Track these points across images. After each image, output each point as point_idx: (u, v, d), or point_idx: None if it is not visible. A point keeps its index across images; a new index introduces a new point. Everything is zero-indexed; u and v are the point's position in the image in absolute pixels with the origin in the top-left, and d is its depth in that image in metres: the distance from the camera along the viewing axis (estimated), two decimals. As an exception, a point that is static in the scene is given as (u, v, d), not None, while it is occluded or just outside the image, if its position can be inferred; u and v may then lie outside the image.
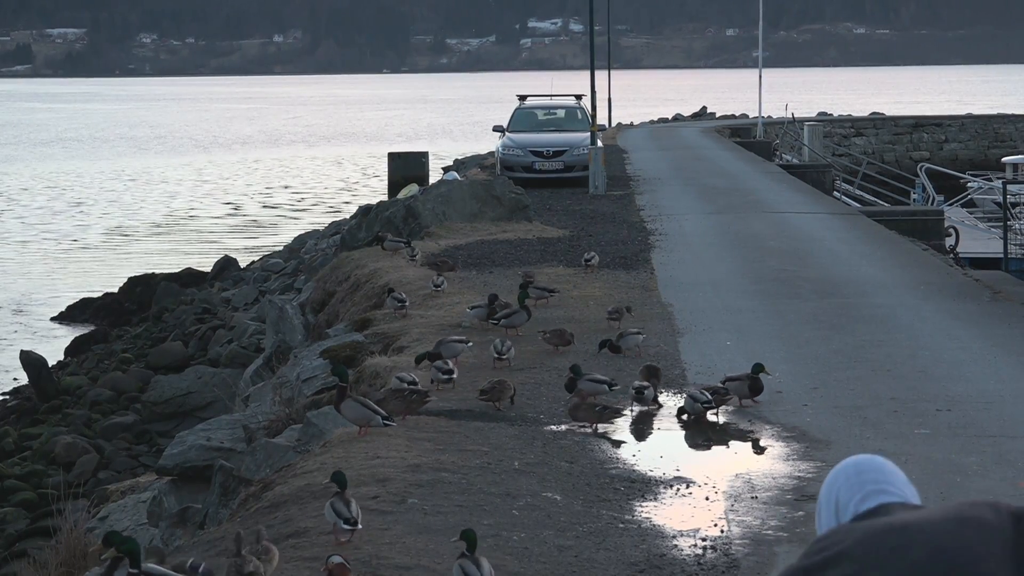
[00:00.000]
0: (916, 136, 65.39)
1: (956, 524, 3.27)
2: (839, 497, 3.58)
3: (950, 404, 11.60)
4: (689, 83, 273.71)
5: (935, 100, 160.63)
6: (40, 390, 27.04)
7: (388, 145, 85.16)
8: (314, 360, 15.13)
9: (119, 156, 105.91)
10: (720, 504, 8.98)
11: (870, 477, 3.58)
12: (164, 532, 12.97)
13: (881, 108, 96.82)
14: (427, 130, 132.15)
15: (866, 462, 3.63)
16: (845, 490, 3.58)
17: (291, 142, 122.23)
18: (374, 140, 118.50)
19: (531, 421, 11.02)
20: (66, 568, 13.63)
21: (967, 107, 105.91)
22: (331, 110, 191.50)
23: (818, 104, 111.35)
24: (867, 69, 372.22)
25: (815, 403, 11.70)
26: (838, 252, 21.25)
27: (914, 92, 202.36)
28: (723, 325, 15.17)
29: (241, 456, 12.39)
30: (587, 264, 18.83)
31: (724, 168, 38.46)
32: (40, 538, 16.98)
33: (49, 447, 22.84)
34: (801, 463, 9.95)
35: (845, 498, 3.56)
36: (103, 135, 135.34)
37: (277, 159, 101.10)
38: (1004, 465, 9.85)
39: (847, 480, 3.60)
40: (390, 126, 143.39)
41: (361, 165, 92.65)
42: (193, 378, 24.09)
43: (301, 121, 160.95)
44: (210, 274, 40.21)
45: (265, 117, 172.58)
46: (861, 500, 3.53)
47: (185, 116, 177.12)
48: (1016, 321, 15.51)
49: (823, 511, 3.60)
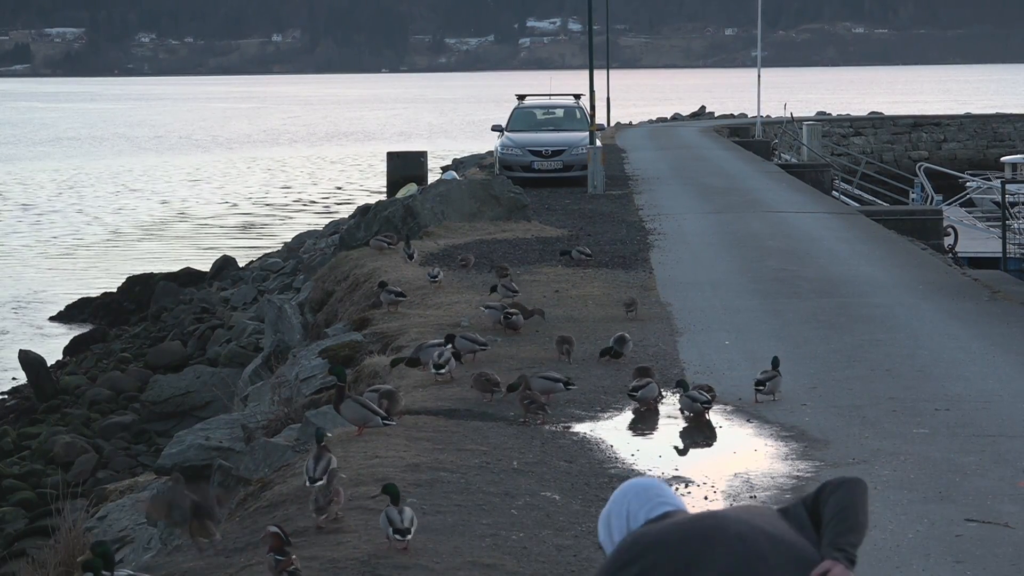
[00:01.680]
0: (915, 135, 65.43)
1: (721, 517, 4.47)
2: (630, 509, 4.61)
3: (949, 404, 11.60)
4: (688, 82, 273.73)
5: (934, 100, 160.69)
6: (39, 389, 27.03)
7: (387, 144, 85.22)
8: (313, 360, 15.13)
9: (118, 155, 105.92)
10: (719, 503, 8.98)
11: (654, 493, 4.64)
12: (163, 531, 12.97)
13: (880, 108, 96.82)
14: (426, 129, 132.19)
15: (649, 482, 4.71)
16: (635, 503, 4.62)
17: (290, 141, 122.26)
18: (373, 139, 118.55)
19: (529, 421, 11.01)
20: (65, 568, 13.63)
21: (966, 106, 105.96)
22: (330, 109, 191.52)
23: (817, 104, 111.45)
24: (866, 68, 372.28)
25: (814, 402, 11.71)
26: (837, 252, 21.26)
27: (913, 91, 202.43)
28: (722, 324, 15.17)
29: (240, 455, 12.40)
30: (575, 255, 19.05)
31: (723, 168, 38.47)
32: (39, 537, 16.96)
33: (48, 447, 22.84)
34: (800, 463, 9.95)
35: (635, 509, 4.61)
36: (102, 134, 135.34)
37: (276, 158, 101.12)
38: (1003, 464, 9.85)
39: (636, 496, 4.64)
40: (389, 125, 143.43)
41: (360, 165, 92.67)
42: (192, 378, 24.09)
43: (300, 120, 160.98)
44: (209, 273, 40.21)
45: (264, 116, 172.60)
46: (650, 510, 4.59)
47: (184, 115, 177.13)
48: (1015, 321, 15.52)
49: (614, 521, 4.62)
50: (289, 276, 34.26)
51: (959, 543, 8.21)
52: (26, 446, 23.50)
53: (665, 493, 4.66)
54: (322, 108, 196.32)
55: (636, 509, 4.61)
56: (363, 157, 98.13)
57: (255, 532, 8.58)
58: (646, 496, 4.64)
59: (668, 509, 4.59)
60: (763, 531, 4.43)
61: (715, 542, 4.37)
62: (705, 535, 4.40)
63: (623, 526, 4.60)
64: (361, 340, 15.02)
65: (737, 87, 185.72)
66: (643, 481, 4.72)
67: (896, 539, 8.28)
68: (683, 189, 31.84)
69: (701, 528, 4.43)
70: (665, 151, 45.96)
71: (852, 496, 4.55)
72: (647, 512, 4.59)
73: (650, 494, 4.64)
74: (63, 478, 19.82)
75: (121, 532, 14.98)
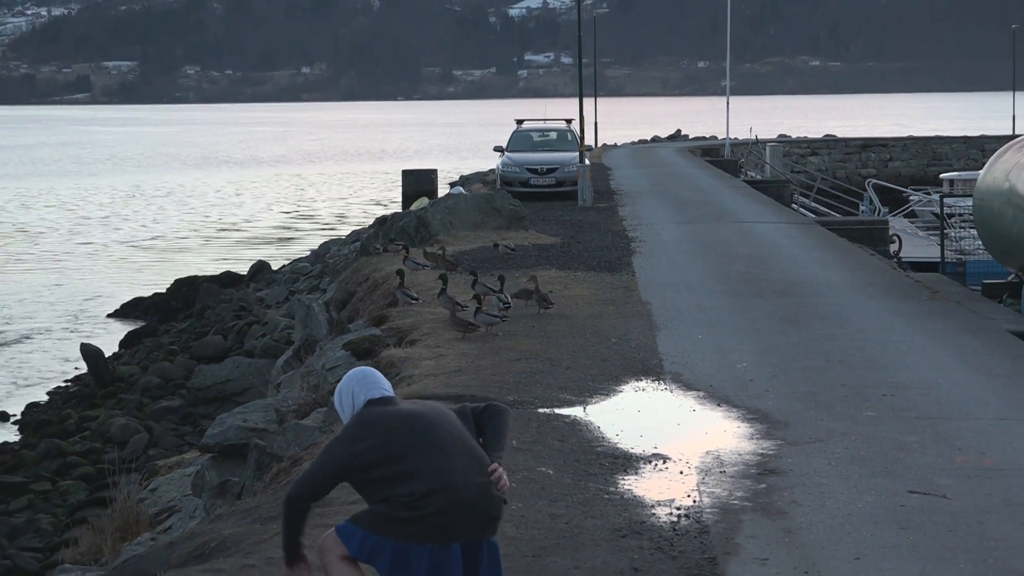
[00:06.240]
0: (864, 155, 65.34)
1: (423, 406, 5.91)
2: (354, 391, 5.87)
3: (894, 390, 11.59)
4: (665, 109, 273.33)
5: (880, 124, 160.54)
6: (98, 378, 27.03)
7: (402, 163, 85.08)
8: (337, 352, 15.11)
9: (166, 172, 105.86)
10: (693, 478, 8.97)
11: (372, 381, 5.90)
12: (206, 502, 12.96)
13: (833, 131, 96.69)
14: (436, 149, 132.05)
15: (369, 372, 5.95)
16: (358, 388, 5.88)
17: (317, 160, 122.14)
18: (390, 159, 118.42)
19: (527, 404, 11.02)
20: (120, 533, 13.64)
21: (908, 130, 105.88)
22: (352, 132, 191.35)
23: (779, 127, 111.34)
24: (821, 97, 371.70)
25: (775, 389, 11.69)
26: (796, 257, 21.23)
27: (862, 117, 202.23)
28: (695, 321, 15.15)
29: (273, 436, 12.38)
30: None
31: (696, 183, 38.43)
32: (98, 507, 16.96)
33: (105, 428, 22.84)
34: (764, 441, 9.94)
35: (358, 391, 5.87)
36: (153, 154, 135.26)
37: (305, 175, 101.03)
38: (941, 443, 9.84)
39: (359, 383, 5.89)
40: (404, 146, 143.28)
41: (378, 181, 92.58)
42: (231, 367, 24.07)
43: (326, 142, 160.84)
44: (246, 276, 40.18)
45: (294, 139, 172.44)
46: (368, 392, 5.86)
47: (224, 138, 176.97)
48: (951, 317, 15.51)
49: (344, 400, 5.89)
50: (316, 278, 34.24)
51: (903, 512, 8.20)
52: (87, 427, 23.51)
53: (380, 381, 5.91)
54: (345, 131, 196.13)
55: (359, 391, 5.86)
56: (381, 174, 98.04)
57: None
58: (366, 382, 5.87)
59: (382, 394, 5.85)
60: (448, 420, 5.86)
61: (414, 423, 5.75)
62: (407, 420, 5.75)
63: (349, 403, 5.86)
64: (379, 334, 15.00)
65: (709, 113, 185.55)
66: (365, 370, 5.95)
67: (848, 508, 8.27)
68: (661, 202, 31.80)
69: (406, 414, 5.77)
70: (645, 169, 45.90)
71: (507, 424, 6.05)
72: (366, 395, 5.84)
73: (368, 381, 5.88)
74: (119, 455, 19.83)
75: (170, 502, 14.97)
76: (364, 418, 5.79)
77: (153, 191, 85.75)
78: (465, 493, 5.69)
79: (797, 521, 8.02)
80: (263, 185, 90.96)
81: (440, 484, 5.65)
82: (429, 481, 5.65)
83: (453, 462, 5.71)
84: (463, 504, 5.68)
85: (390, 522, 5.66)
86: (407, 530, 5.65)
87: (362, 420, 5.78)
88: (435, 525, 5.65)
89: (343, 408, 5.92)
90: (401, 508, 5.65)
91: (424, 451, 5.70)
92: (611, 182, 38.61)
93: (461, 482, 5.69)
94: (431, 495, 5.64)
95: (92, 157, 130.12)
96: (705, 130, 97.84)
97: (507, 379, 11.83)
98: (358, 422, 5.79)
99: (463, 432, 5.89)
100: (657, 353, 13.21)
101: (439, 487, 5.65)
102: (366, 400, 5.85)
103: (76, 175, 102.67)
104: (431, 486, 5.64)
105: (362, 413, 5.80)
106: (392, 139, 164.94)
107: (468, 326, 13.82)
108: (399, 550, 5.67)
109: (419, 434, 5.74)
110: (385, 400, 5.85)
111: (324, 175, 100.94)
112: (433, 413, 5.87)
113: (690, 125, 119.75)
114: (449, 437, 5.78)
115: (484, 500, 5.76)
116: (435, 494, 5.64)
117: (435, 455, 5.69)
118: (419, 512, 5.64)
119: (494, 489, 5.81)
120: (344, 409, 5.92)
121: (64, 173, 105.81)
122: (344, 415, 5.95)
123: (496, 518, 5.84)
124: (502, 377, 11.91)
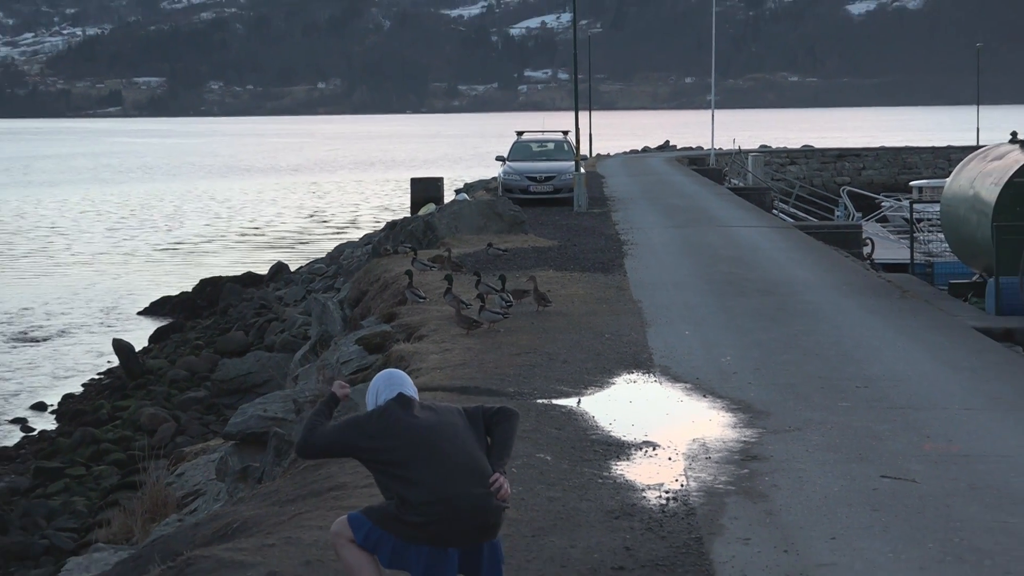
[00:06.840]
0: (839, 164, 65.29)
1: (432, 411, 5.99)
2: (379, 390, 6.03)
3: (867, 382, 11.59)
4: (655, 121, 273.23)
5: (855, 135, 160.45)
6: (128, 371, 27.03)
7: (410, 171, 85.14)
8: (351, 346, 15.10)
9: (192, 179, 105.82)
10: (680, 463, 8.97)
11: (396, 381, 6.05)
12: (229, 486, 12.96)
13: (811, 142, 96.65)
14: (442, 159, 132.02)
15: (395, 373, 6.12)
16: (383, 387, 6.03)
17: (332, 169, 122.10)
18: (399, 167, 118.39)
19: (527, 395, 11.01)
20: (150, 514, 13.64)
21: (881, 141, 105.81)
22: (364, 143, 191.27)
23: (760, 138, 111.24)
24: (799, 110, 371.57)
25: (757, 381, 11.69)
26: (776, 259, 21.22)
27: (838, 129, 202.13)
28: (683, 318, 15.15)
29: (291, 425, 12.38)
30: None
31: (683, 190, 38.40)
32: (129, 490, 16.94)
33: (136, 417, 22.83)
34: (746, 430, 9.93)
35: (383, 390, 6.02)
36: (180, 163, 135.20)
37: (320, 182, 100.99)
38: (911, 431, 9.84)
39: (384, 383, 6.04)
40: (412, 156, 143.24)
41: (388, 188, 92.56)
42: (252, 361, 24.05)
43: (340, 152, 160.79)
44: (266, 276, 40.16)
45: (311, 149, 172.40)
46: (389, 392, 6.00)
47: (246, 148, 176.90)
48: (920, 314, 15.50)
49: (370, 397, 6.04)
50: (331, 278, 34.21)
51: (875, 495, 8.20)
52: (119, 416, 23.50)
53: (403, 380, 6.07)
54: (358, 142, 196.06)
55: (383, 390, 6.03)
56: (391, 182, 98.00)
57: (304, 486, 8.58)
58: (390, 382, 6.05)
59: (401, 392, 5.98)
60: (455, 430, 5.88)
61: (419, 434, 5.82)
62: (414, 431, 5.81)
63: (373, 400, 6.02)
64: (390, 330, 14.99)
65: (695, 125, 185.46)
66: (391, 372, 6.14)
67: (824, 492, 8.27)
68: (651, 208, 31.78)
69: (414, 425, 5.83)
70: (637, 177, 45.87)
71: (514, 430, 6.05)
72: (387, 394, 6.00)
73: (392, 381, 6.05)
74: (148, 442, 19.82)
75: (195, 486, 14.97)
76: (377, 416, 5.90)
77: (179, 198, 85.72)
78: (462, 504, 5.69)
79: (777, 504, 8.02)
80: (282, 192, 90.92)
81: (437, 496, 5.67)
82: (428, 492, 5.68)
83: (453, 473, 5.72)
84: (460, 515, 5.69)
85: (394, 520, 5.73)
86: (407, 531, 5.71)
87: (374, 417, 5.90)
88: (432, 532, 5.69)
89: (368, 404, 6.09)
90: (403, 511, 5.72)
91: (426, 462, 5.73)
92: (605, 189, 38.58)
93: (459, 493, 5.69)
94: (428, 505, 5.67)
95: (124, 166, 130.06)
96: (692, 141, 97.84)
97: (508, 372, 11.83)
98: (372, 416, 5.93)
99: (468, 442, 5.89)
100: (647, 348, 13.21)
101: (436, 499, 5.67)
102: (387, 398, 5.97)
103: (109, 183, 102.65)
104: (429, 497, 5.67)
105: (381, 409, 5.93)
106: (401, 149, 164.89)
107: (472, 323, 13.81)
108: (399, 547, 5.75)
109: (423, 445, 5.77)
110: (404, 401, 5.94)
111: (338, 183, 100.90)
112: (442, 424, 5.89)
113: (678, 136, 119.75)
114: (453, 449, 5.80)
115: (482, 510, 5.74)
116: (432, 505, 5.67)
117: (436, 467, 5.72)
118: (418, 518, 5.69)
119: (494, 499, 5.78)
120: (369, 405, 6.08)
121: (98, 181, 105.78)
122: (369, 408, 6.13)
123: (496, 525, 5.82)
124: (503, 370, 11.90)
